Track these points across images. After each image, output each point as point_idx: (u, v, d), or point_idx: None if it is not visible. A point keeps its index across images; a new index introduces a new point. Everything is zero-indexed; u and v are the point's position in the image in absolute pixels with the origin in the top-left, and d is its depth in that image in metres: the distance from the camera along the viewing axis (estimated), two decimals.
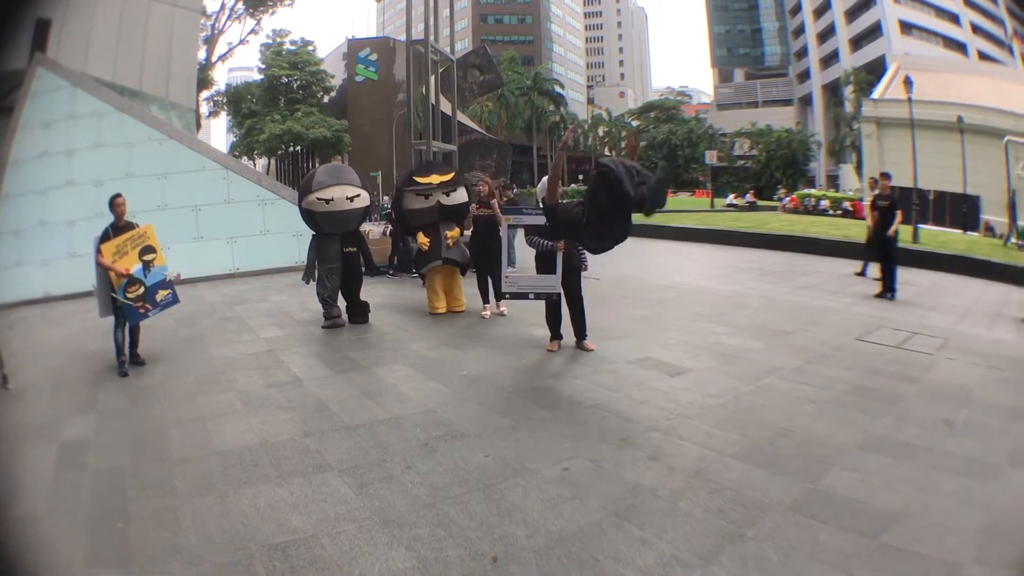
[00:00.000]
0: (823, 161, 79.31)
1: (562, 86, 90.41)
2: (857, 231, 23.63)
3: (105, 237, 8.78)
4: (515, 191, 17.99)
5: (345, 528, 4.53)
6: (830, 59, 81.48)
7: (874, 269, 14.63)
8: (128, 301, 8.76)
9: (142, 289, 8.87)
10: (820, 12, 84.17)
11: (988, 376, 7.87)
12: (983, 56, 65.03)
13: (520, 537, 4.31)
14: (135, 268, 8.83)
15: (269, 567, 4.10)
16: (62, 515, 5.01)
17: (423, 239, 11.26)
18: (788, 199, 47.28)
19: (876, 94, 48.82)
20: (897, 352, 8.83)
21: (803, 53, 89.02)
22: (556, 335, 9.18)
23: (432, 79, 17.43)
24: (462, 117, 19.34)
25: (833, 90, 78.99)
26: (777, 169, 75.91)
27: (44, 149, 17.32)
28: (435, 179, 11.47)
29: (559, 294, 9.06)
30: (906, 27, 69.73)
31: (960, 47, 67.26)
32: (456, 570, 3.99)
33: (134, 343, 9.13)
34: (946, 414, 6.45)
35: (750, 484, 4.94)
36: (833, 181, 73.73)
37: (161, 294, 9.09)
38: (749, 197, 54.56)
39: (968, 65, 58.76)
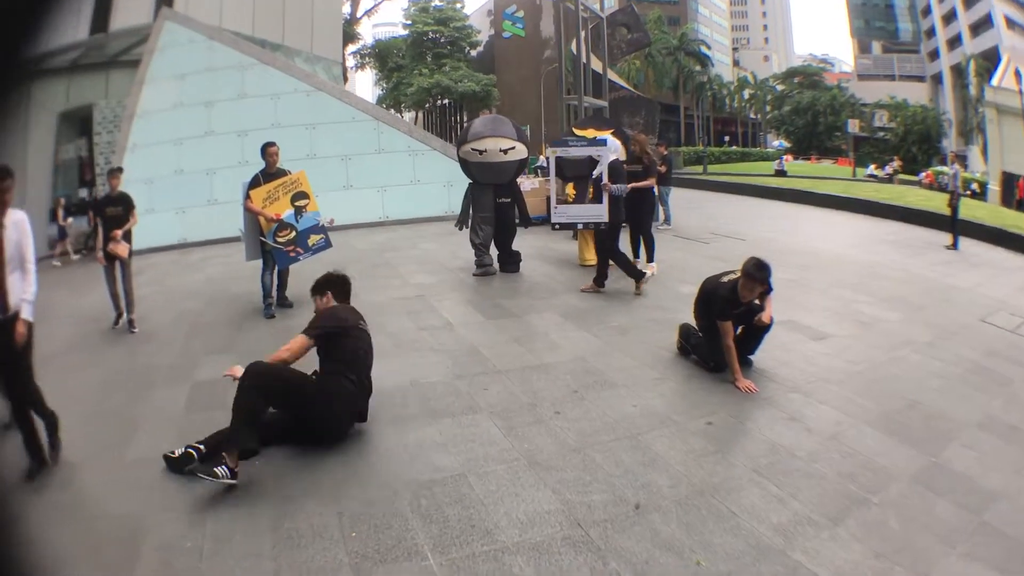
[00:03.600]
0: (954, 140, 76.31)
1: (708, 47, 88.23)
2: (984, 213, 22.89)
3: (255, 183, 9.06)
4: (669, 148, 17.90)
5: (493, 469, 4.70)
6: (955, 42, 78.18)
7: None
8: (278, 245, 9.04)
9: (293, 233, 9.13)
10: None
11: None
12: None
13: (663, 486, 4.42)
14: (286, 213, 9.10)
15: (414, 504, 4.28)
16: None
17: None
18: (924, 175, 45.76)
19: (994, 81, 47.36)
20: (1012, 337, 8.59)
21: (932, 32, 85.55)
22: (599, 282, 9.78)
23: (582, 35, 17.41)
24: (611, 74, 19.19)
25: (959, 72, 75.89)
26: (914, 144, 73.31)
27: (178, 100, 17.99)
28: (590, 133, 11.36)
29: (606, 223, 9.64)
30: (1011, 23, 66.92)
31: None
32: (599, 514, 4.11)
33: (282, 286, 9.43)
34: None
35: (880, 452, 4.99)
36: (963, 161, 71.06)
37: (313, 239, 9.35)
38: (888, 169, 52.89)
39: None
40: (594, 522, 4.03)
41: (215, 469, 4.45)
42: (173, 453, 4.87)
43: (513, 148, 10.93)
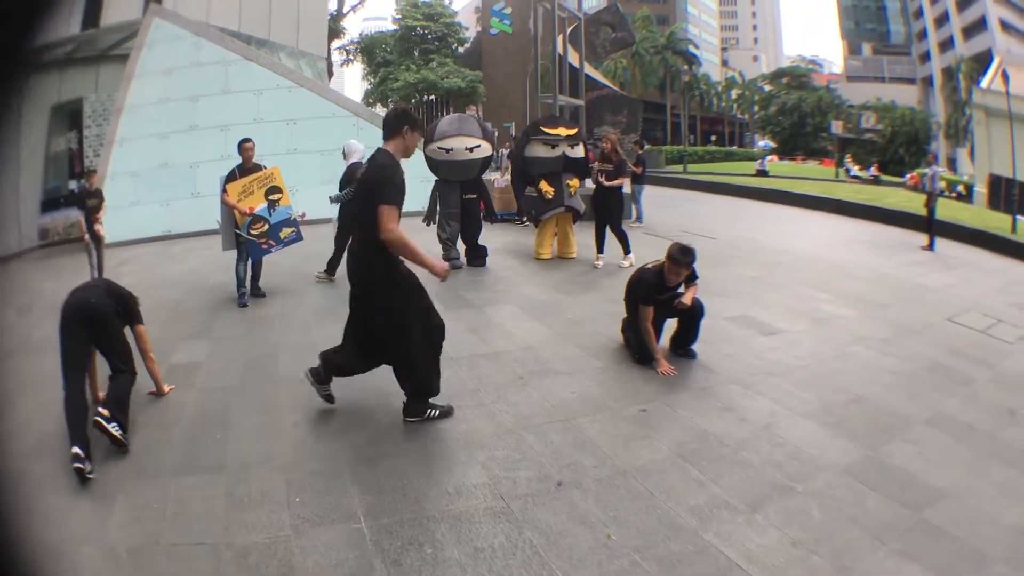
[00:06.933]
0: (942, 143, 76.67)
1: (696, 46, 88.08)
2: (967, 215, 23.15)
3: (231, 177, 9.36)
4: (645, 148, 18.07)
5: (430, 447, 5.04)
6: (946, 44, 78.39)
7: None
8: (251, 237, 9.33)
9: (266, 227, 9.44)
10: None
11: None
12: None
13: (587, 467, 4.69)
14: (260, 207, 9.39)
15: (354, 476, 4.62)
16: (160, 428, 5.48)
17: (547, 187, 11.56)
18: (909, 176, 45.94)
19: (984, 83, 47.53)
20: (980, 337, 8.68)
21: (923, 35, 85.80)
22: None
23: (560, 36, 17.53)
24: (595, 73, 19.41)
25: (950, 74, 76.14)
26: (901, 145, 73.61)
27: (165, 95, 18.04)
28: (562, 131, 11.77)
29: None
30: (1005, 26, 67.13)
31: None
32: (523, 489, 4.42)
33: (255, 277, 9.72)
34: (1011, 404, 6.41)
35: (812, 443, 5.14)
36: (952, 163, 71.25)
37: (285, 232, 9.66)
38: (873, 170, 53.02)
39: None
40: (516, 496, 4.34)
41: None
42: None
43: (479, 146, 11.15)
